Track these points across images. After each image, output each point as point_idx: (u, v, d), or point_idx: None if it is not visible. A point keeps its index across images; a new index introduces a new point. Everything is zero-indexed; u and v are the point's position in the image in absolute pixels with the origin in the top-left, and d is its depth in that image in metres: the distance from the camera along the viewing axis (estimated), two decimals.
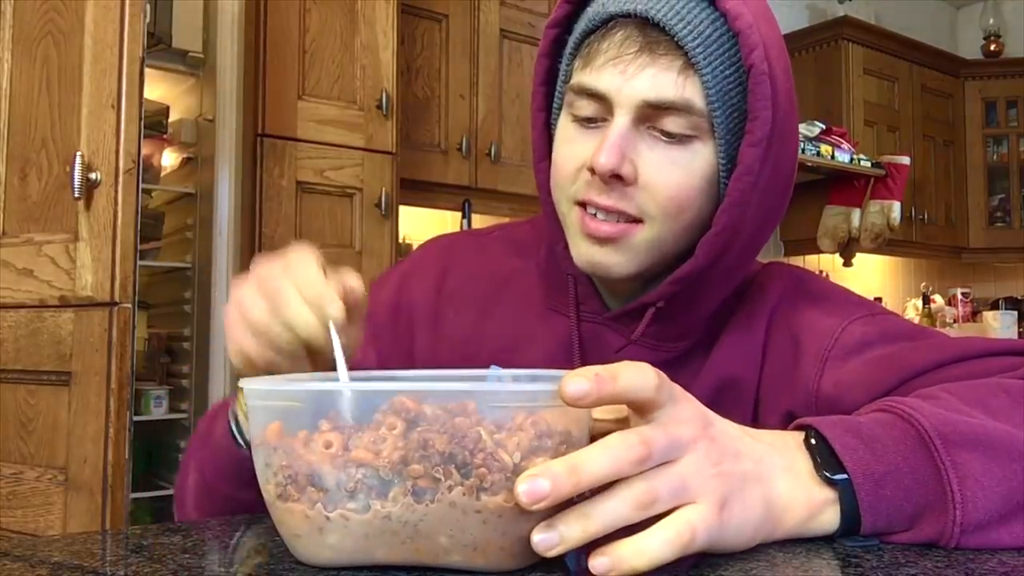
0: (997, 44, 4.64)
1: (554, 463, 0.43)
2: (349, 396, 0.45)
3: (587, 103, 0.70)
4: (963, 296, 4.34)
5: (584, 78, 0.70)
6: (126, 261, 1.70)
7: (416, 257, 0.90)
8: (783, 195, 0.75)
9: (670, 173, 0.69)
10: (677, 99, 0.67)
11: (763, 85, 0.67)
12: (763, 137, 0.68)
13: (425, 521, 0.43)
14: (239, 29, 2.14)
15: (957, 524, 0.51)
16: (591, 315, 0.78)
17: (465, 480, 0.43)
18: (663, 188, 0.69)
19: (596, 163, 0.67)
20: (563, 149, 0.73)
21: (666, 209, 0.69)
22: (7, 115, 1.90)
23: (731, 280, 0.76)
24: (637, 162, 0.68)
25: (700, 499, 0.46)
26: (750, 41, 0.67)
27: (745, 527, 0.48)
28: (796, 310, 0.77)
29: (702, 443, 0.47)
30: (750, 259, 0.77)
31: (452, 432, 0.43)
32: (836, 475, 0.51)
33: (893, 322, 0.76)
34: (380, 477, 0.43)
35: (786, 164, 0.73)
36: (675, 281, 0.72)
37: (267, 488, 0.47)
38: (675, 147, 0.69)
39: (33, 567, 0.47)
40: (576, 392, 0.43)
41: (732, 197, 0.69)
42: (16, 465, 1.82)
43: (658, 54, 0.67)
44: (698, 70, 0.67)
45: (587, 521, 0.43)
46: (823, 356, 0.73)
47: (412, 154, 2.64)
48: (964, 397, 0.57)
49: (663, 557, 0.44)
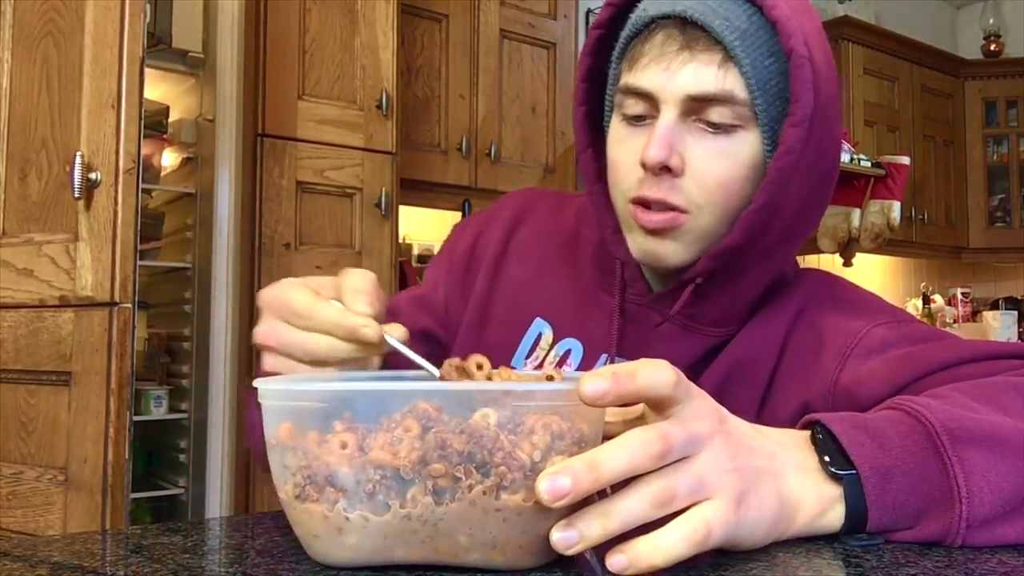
0: (997, 44, 4.64)
1: (574, 460, 0.43)
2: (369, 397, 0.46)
3: (634, 102, 0.73)
4: (963, 296, 4.33)
5: (630, 79, 0.73)
6: (126, 261, 1.70)
7: (502, 202, 0.95)
8: (825, 183, 0.77)
9: (717, 162, 0.71)
10: (719, 91, 0.70)
11: (804, 68, 0.69)
12: (804, 117, 0.69)
13: (445, 520, 0.43)
14: (239, 29, 2.14)
15: (963, 519, 0.51)
16: (636, 297, 0.81)
17: (485, 479, 0.43)
18: (711, 177, 0.71)
19: (646, 156, 0.70)
20: (616, 149, 0.76)
21: (713, 197, 0.72)
22: (7, 115, 1.90)
23: (769, 264, 0.78)
24: (685, 154, 0.71)
25: (717, 495, 0.46)
26: (788, 28, 0.69)
27: (760, 523, 0.49)
28: (824, 311, 0.79)
29: (718, 438, 0.48)
30: (790, 245, 0.79)
31: (470, 432, 0.43)
32: (843, 470, 0.51)
33: (917, 328, 0.78)
34: (400, 477, 0.43)
35: (829, 151, 0.75)
36: (713, 256, 0.73)
37: (284, 489, 0.46)
38: (721, 137, 0.71)
39: (33, 567, 0.47)
40: (595, 392, 0.44)
41: (772, 175, 0.71)
42: (16, 465, 1.81)
43: (698, 50, 0.70)
44: (737, 62, 0.70)
45: (606, 519, 0.44)
46: (845, 353, 0.75)
47: (412, 154, 2.64)
48: (973, 394, 0.58)
49: (680, 554, 0.44)
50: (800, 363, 0.77)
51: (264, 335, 0.62)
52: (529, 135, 2.99)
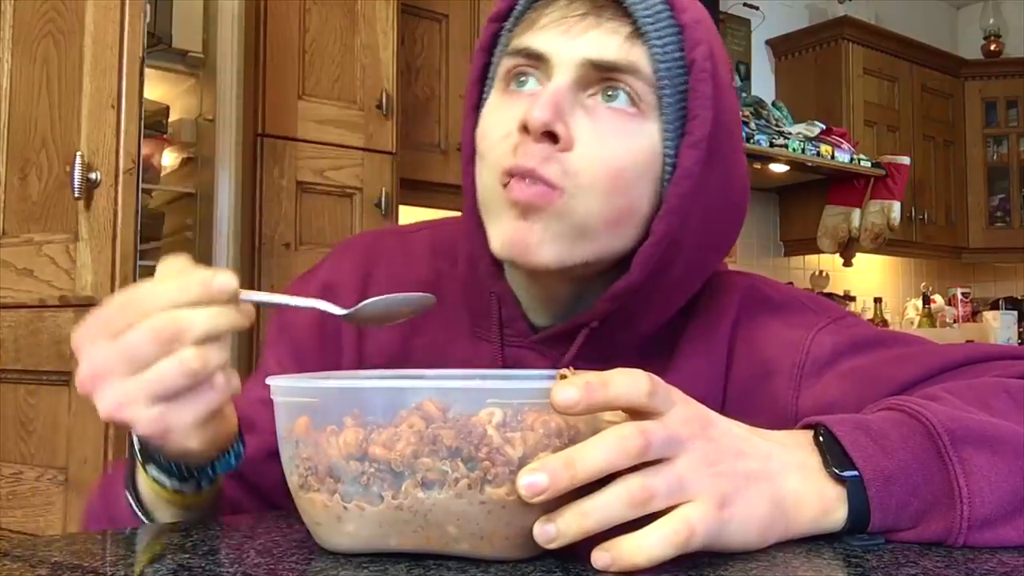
0: (997, 44, 4.64)
1: (551, 458, 0.44)
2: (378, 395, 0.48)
3: (523, 67, 0.65)
4: (963, 296, 4.33)
5: (522, 40, 0.65)
6: (126, 261, 1.70)
7: (336, 261, 0.80)
8: (735, 213, 0.71)
9: (609, 142, 0.63)
10: (621, 60, 0.62)
11: (705, 84, 0.63)
12: (703, 138, 0.63)
13: (434, 511, 0.45)
14: (239, 29, 2.14)
15: (964, 519, 0.51)
16: (517, 338, 0.72)
17: (470, 473, 0.45)
18: (601, 157, 0.62)
19: (528, 116, 0.60)
20: (490, 119, 0.66)
21: (598, 182, 0.62)
22: (7, 115, 1.90)
23: (674, 299, 0.71)
24: (573, 127, 0.62)
25: (698, 497, 0.46)
26: (695, 36, 0.64)
27: (749, 526, 0.48)
28: (757, 324, 0.73)
29: (698, 442, 0.48)
30: (696, 280, 0.72)
31: (459, 428, 0.45)
32: (846, 472, 0.51)
33: (860, 328, 0.73)
34: (392, 470, 0.46)
35: (735, 178, 0.69)
36: (612, 297, 0.66)
37: (291, 479, 0.50)
38: (617, 117, 0.63)
39: (33, 567, 0.47)
40: (566, 401, 0.44)
41: (671, 203, 0.64)
42: (16, 465, 1.82)
43: (605, 18, 0.63)
44: (647, 40, 0.63)
45: (582, 518, 0.44)
46: (796, 373, 0.70)
47: (412, 154, 2.64)
48: (966, 397, 0.57)
49: (662, 553, 0.44)
50: (748, 393, 0.71)
51: (81, 373, 0.52)
52: None
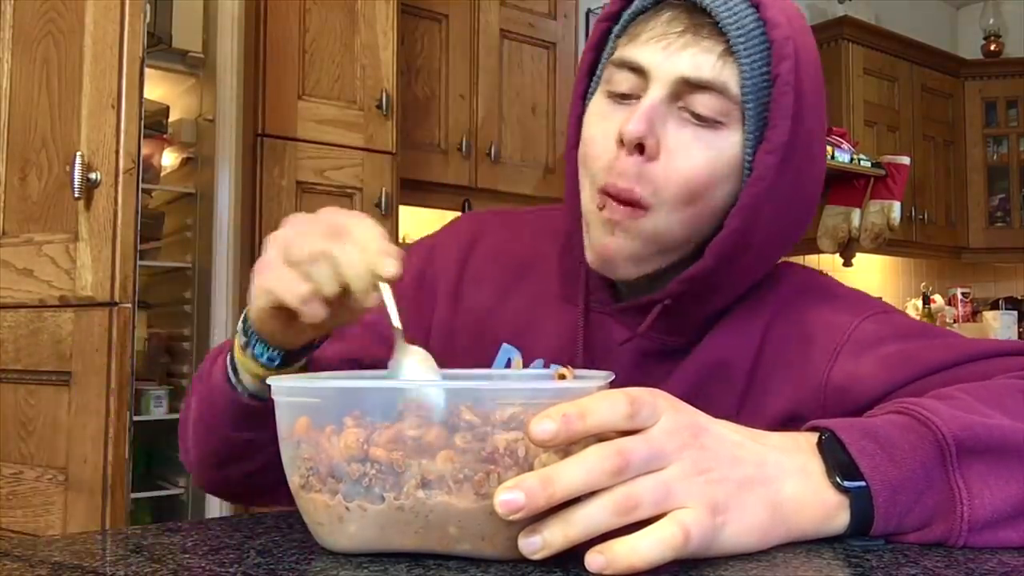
0: (997, 44, 4.64)
1: (528, 476, 0.44)
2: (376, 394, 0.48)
3: (625, 77, 0.71)
4: (963, 296, 4.33)
5: (625, 52, 0.71)
6: (126, 261, 1.70)
7: (448, 230, 0.91)
8: (804, 212, 0.75)
9: (694, 152, 0.69)
10: (714, 79, 0.68)
11: (786, 96, 0.68)
12: (779, 145, 0.68)
13: (435, 513, 0.46)
14: (239, 29, 2.14)
15: (964, 521, 0.51)
16: (600, 305, 0.79)
17: (472, 474, 0.45)
18: (685, 167, 0.68)
19: (624, 130, 0.68)
20: (593, 124, 0.73)
21: (679, 194, 0.69)
22: (7, 115, 1.90)
23: (740, 284, 0.76)
24: (663, 139, 0.69)
25: (688, 504, 0.46)
26: (783, 51, 0.68)
27: (746, 532, 0.48)
28: (804, 306, 0.77)
29: (689, 452, 0.47)
30: (761, 269, 0.77)
31: (457, 429, 0.45)
32: (852, 481, 0.51)
33: (906, 320, 0.77)
34: (394, 471, 0.46)
35: (809, 182, 0.74)
36: (683, 281, 0.72)
37: (292, 479, 0.50)
38: (703, 129, 0.69)
39: (33, 567, 0.47)
40: (543, 434, 0.44)
41: (743, 201, 0.69)
42: (16, 465, 1.82)
43: (701, 36, 0.69)
44: (737, 58, 0.68)
45: (567, 527, 0.44)
46: (835, 349, 0.73)
47: (412, 154, 2.64)
48: (981, 397, 0.57)
49: (656, 557, 0.44)
50: (783, 361, 0.75)
51: (287, 240, 0.56)
52: (529, 135, 2.99)
